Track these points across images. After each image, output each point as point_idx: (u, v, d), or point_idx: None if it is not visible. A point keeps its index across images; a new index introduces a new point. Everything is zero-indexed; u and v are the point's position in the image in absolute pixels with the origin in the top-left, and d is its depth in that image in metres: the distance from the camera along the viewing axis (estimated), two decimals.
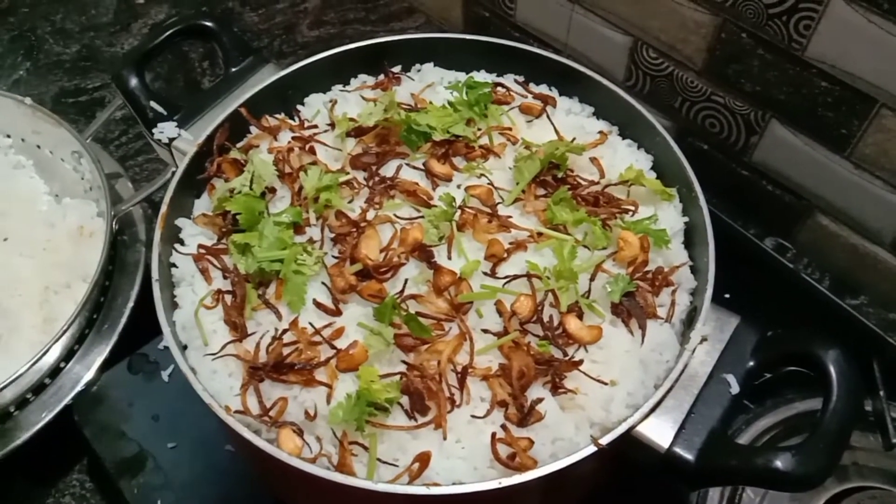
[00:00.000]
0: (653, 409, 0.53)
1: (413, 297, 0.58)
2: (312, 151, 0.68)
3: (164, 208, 0.64)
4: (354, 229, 0.61)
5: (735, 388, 0.55)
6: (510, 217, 0.62)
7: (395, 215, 0.62)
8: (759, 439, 0.72)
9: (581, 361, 0.55)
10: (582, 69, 0.72)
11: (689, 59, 0.86)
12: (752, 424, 0.72)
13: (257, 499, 0.72)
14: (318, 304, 0.58)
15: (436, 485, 0.51)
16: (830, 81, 0.75)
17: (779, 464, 0.49)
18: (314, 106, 0.73)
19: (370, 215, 0.62)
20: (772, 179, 0.88)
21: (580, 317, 0.57)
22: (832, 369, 0.52)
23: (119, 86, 0.74)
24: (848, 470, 0.68)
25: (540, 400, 0.54)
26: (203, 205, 0.67)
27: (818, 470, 0.50)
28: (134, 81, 0.73)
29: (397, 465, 0.53)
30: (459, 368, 0.55)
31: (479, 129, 0.69)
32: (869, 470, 0.68)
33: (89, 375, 0.78)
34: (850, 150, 0.78)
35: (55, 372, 0.78)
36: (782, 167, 0.86)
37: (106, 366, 0.79)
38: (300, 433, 0.54)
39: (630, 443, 0.53)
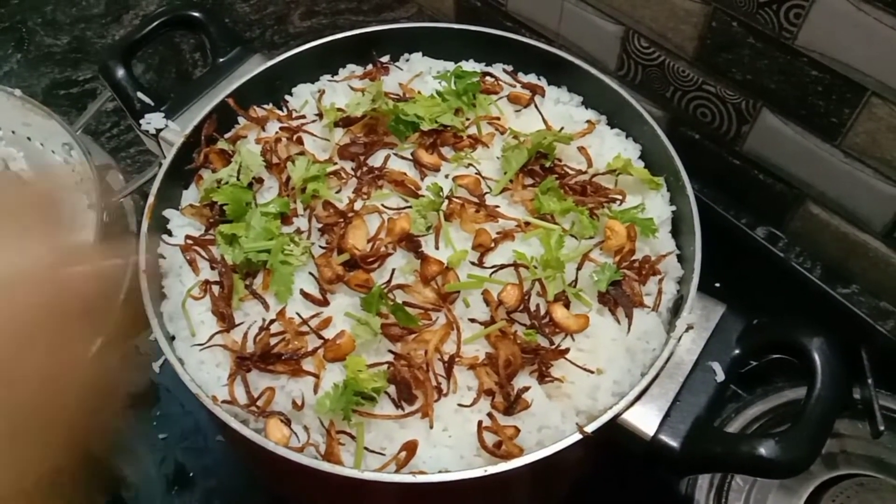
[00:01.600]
0: (638, 397, 0.54)
1: (400, 286, 0.58)
2: (300, 142, 0.68)
3: (151, 199, 0.64)
4: (342, 219, 0.61)
5: (720, 376, 0.55)
6: (498, 207, 0.62)
7: (382, 205, 0.62)
8: (749, 427, 0.72)
9: (567, 350, 0.55)
10: (570, 58, 0.72)
11: (681, 48, 0.86)
12: (741, 413, 0.73)
13: (248, 489, 0.72)
14: (305, 295, 0.58)
15: (422, 473, 0.51)
16: (821, 70, 0.75)
17: (763, 451, 0.50)
18: (302, 96, 0.73)
19: (358, 205, 0.62)
20: (763, 168, 0.88)
21: (567, 306, 0.57)
22: (816, 357, 0.52)
23: (106, 77, 0.74)
24: (836, 457, 0.69)
25: (526, 388, 0.54)
26: (191, 195, 0.67)
27: (802, 457, 0.50)
28: (121, 72, 0.73)
29: (384, 454, 0.53)
30: (446, 358, 0.55)
31: (468, 119, 0.69)
32: (857, 457, 0.69)
33: None
34: (841, 138, 0.78)
35: None
36: (773, 156, 0.86)
37: None
38: (288, 423, 0.54)
39: (616, 430, 0.53)
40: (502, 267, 0.58)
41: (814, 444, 0.51)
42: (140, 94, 0.73)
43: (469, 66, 0.74)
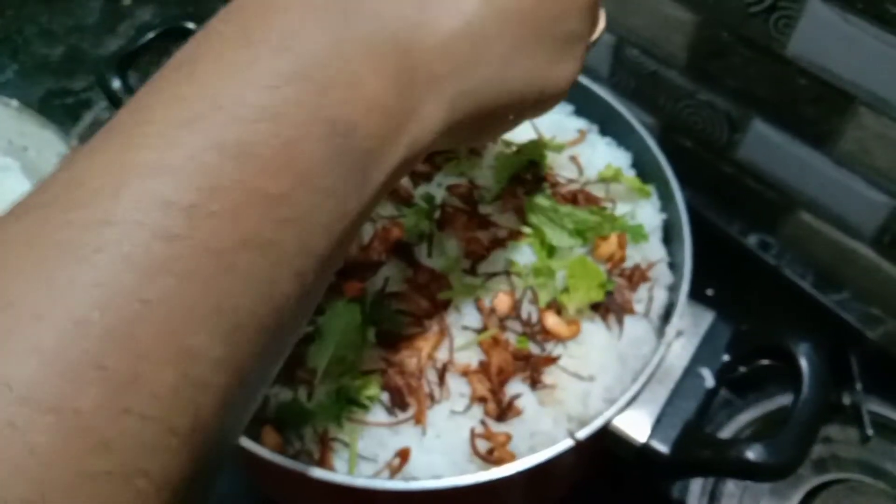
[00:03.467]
0: (629, 403, 0.54)
1: (394, 294, 0.58)
2: None
3: None
4: None
5: (710, 382, 0.56)
6: (490, 215, 0.63)
7: (376, 213, 0.63)
8: (742, 432, 0.73)
9: (559, 357, 0.56)
10: None
11: (673, 57, 0.87)
12: (733, 418, 0.73)
13: (243, 493, 0.72)
14: None
15: (415, 479, 0.52)
16: (810, 79, 0.76)
17: (750, 455, 0.50)
18: None
19: None
20: (755, 176, 0.89)
21: (558, 313, 0.58)
22: (803, 362, 0.53)
23: (102, 88, 0.75)
24: (827, 462, 0.69)
25: (518, 395, 0.55)
26: None
27: (788, 460, 0.51)
28: (117, 83, 0.74)
29: (377, 461, 0.54)
30: (439, 365, 0.56)
31: None
32: (847, 462, 0.70)
33: None
34: (831, 146, 0.79)
35: None
36: (765, 164, 0.87)
37: None
38: (281, 430, 0.55)
39: (607, 436, 0.54)
40: (494, 275, 0.59)
41: (800, 447, 0.51)
42: None
43: None
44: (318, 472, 0.51)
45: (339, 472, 0.53)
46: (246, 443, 0.52)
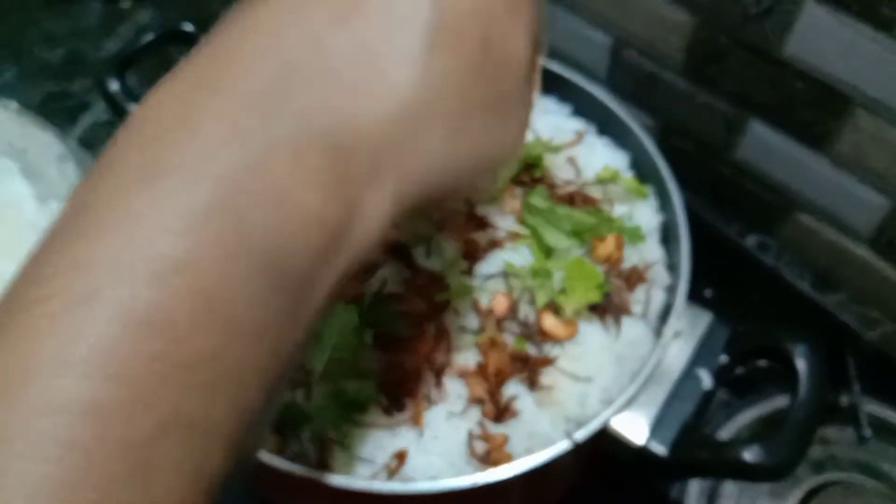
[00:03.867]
0: (627, 405, 0.54)
1: (391, 296, 0.58)
2: None
3: None
4: None
5: (707, 383, 0.56)
6: (487, 216, 0.63)
7: None
8: (742, 433, 0.73)
9: (556, 358, 0.56)
10: (558, 72, 0.73)
11: (670, 59, 0.87)
12: (732, 418, 0.73)
13: (241, 497, 0.72)
14: None
15: (413, 481, 0.52)
16: (806, 81, 0.76)
17: (747, 456, 0.50)
18: None
19: None
20: (753, 178, 0.89)
21: (556, 314, 0.58)
22: (800, 363, 0.53)
23: (101, 91, 0.75)
24: (825, 463, 0.70)
25: (516, 396, 0.55)
26: None
27: (785, 461, 0.51)
28: (115, 86, 0.74)
29: (375, 463, 0.54)
30: (437, 366, 0.56)
31: None
32: (845, 463, 0.70)
33: None
34: (828, 148, 0.79)
35: None
36: (763, 165, 0.87)
37: None
38: (279, 431, 0.55)
39: (605, 437, 0.54)
40: (492, 276, 0.59)
41: (797, 448, 0.51)
42: (134, 107, 0.73)
43: None
44: (316, 474, 0.51)
45: (337, 474, 0.52)
46: None
